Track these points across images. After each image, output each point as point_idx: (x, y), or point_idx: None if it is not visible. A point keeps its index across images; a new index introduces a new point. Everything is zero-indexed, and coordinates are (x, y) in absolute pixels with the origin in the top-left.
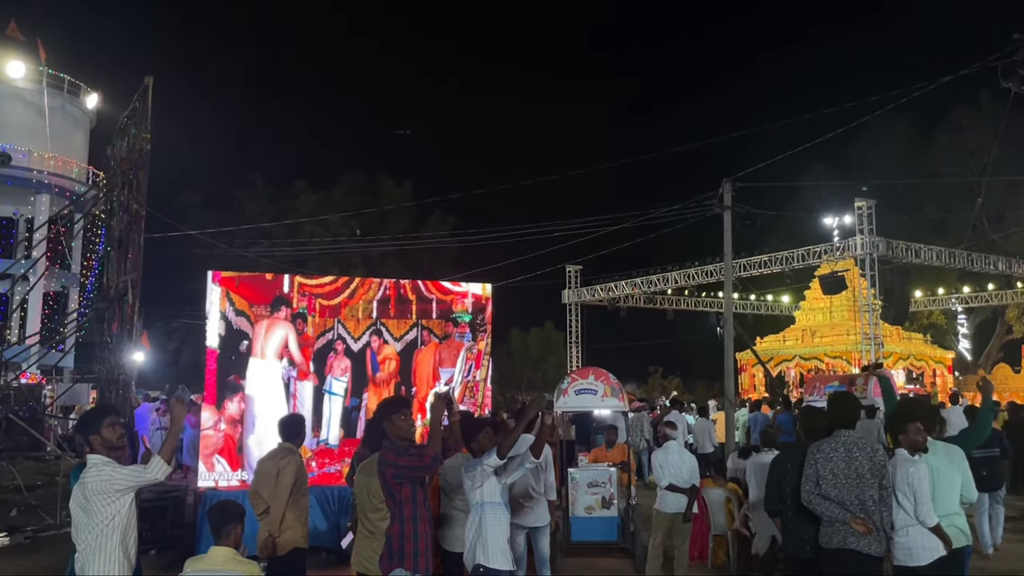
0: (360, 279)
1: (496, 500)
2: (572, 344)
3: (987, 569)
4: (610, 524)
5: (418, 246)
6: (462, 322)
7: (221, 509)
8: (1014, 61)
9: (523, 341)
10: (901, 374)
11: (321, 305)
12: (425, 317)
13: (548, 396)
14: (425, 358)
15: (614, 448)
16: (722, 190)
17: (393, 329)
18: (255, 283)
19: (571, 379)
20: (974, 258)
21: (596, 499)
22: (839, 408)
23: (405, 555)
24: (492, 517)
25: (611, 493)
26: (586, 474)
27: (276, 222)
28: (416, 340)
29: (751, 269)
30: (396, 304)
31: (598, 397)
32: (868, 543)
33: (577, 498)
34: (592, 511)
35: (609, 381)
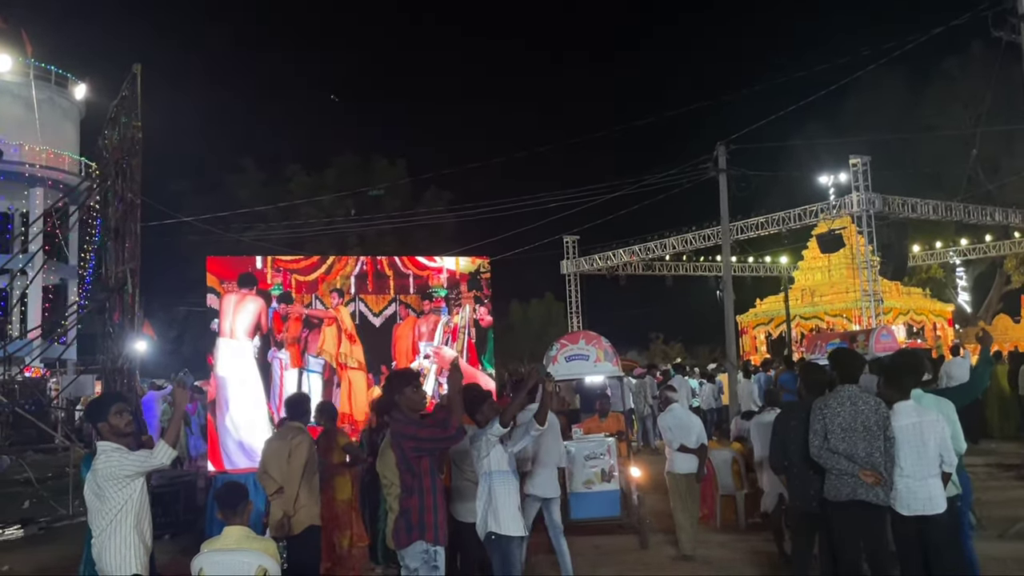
0: (336, 256)
1: (504, 469)
2: (573, 314)
3: (992, 516)
4: (612, 498)
5: (414, 223)
6: (438, 297)
7: (229, 490)
8: (1004, 9)
9: (523, 314)
10: (902, 329)
11: (297, 281)
12: (403, 292)
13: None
14: (404, 332)
15: (608, 417)
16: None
17: (372, 304)
18: (226, 261)
19: (561, 345)
20: (971, 210)
21: (595, 472)
22: (842, 364)
23: (426, 527)
24: (501, 486)
25: (611, 465)
26: (583, 446)
27: (270, 205)
28: (395, 315)
29: (748, 231)
30: (374, 280)
31: (590, 363)
32: (877, 494)
33: (575, 472)
34: (591, 485)
35: (601, 345)
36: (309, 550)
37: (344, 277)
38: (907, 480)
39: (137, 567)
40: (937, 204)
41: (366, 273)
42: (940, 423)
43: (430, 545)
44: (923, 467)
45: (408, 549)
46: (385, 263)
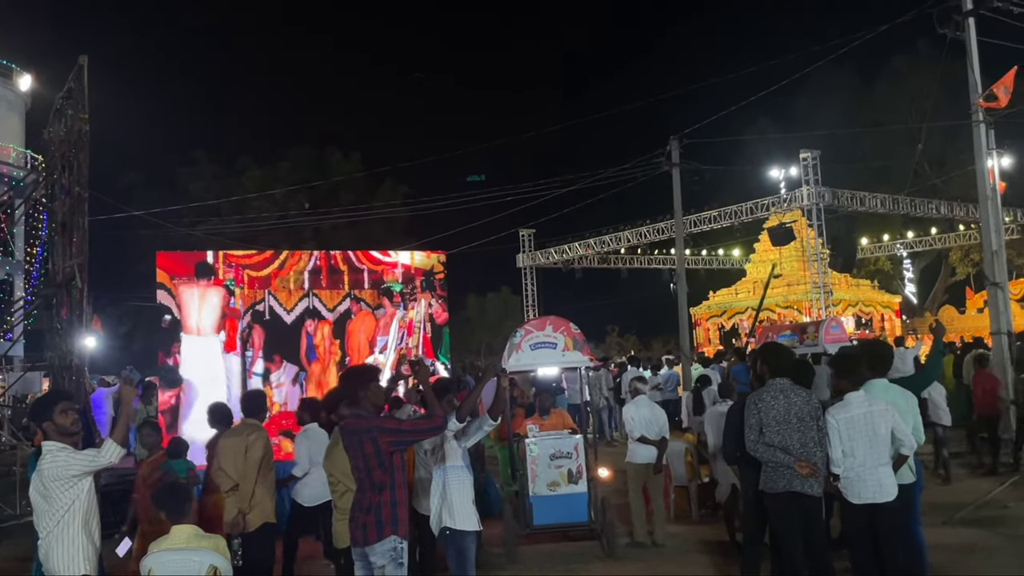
0: (289, 251)
1: (458, 463)
2: (529, 307)
3: (937, 502)
4: (579, 502)
5: (369, 217)
6: (395, 292)
7: (173, 489)
8: (949, 7)
9: (480, 307)
10: (850, 320)
11: (250, 276)
12: (357, 287)
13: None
14: (356, 328)
15: (550, 415)
16: (669, 148)
17: (326, 300)
18: (177, 256)
19: (525, 332)
20: (917, 203)
21: (561, 473)
22: (773, 358)
23: (399, 522)
24: (456, 480)
25: (579, 465)
26: (547, 443)
27: (223, 199)
28: (348, 311)
29: (701, 224)
30: (327, 275)
31: (558, 351)
32: (811, 485)
33: (538, 473)
34: (556, 487)
35: (570, 331)
36: (264, 547)
37: (297, 272)
38: (858, 469)
39: (86, 568)
40: (885, 198)
41: (320, 268)
42: (890, 411)
43: (400, 541)
44: (874, 456)
45: (377, 546)
46: (339, 258)
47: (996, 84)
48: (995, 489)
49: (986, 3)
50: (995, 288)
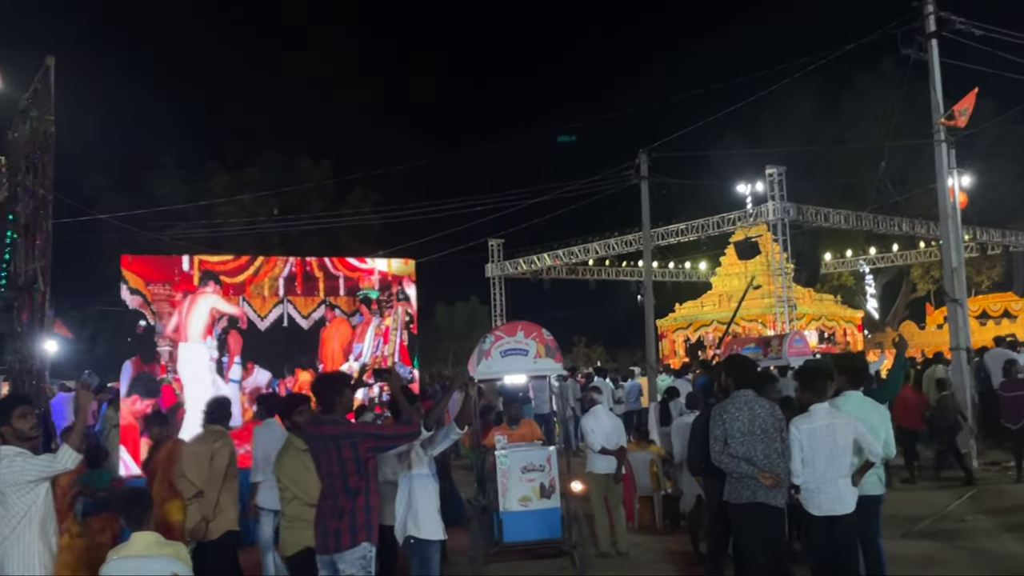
0: (264, 257)
1: (424, 472)
2: (497, 317)
3: (898, 514)
4: (551, 518)
5: (339, 224)
6: (372, 299)
7: (134, 496)
8: (912, 28)
9: (448, 316)
10: (814, 334)
11: (225, 283)
12: (332, 294)
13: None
14: (330, 335)
15: (520, 425)
16: (638, 161)
17: (300, 307)
18: (152, 262)
19: (495, 337)
20: (879, 220)
21: (533, 487)
22: (736, 370)
23: (372, 528)
24: (421, 488)
25: (552, 478)
26: (518, 455)
27: (190, 204)
28: (323, 318)
29: (669, 238)
30: (303, 281)
31: (529, 358)
32: (775, 496)
33: (508, 487)
34: (528, 502)
35: (542, 338)
36: (226, 555)
37: (272, 279)
38: (818, 481)
39: (42, 573)
40: (848, 214)
41: (295, 275)
42: (853, 423)
43: (371, 548)
44: (834, 468)
45: (347, 553)
46: (315, 264)
47: (958, 104)
48: (954, 502)
49: (949, 25)
50: (955, 305)
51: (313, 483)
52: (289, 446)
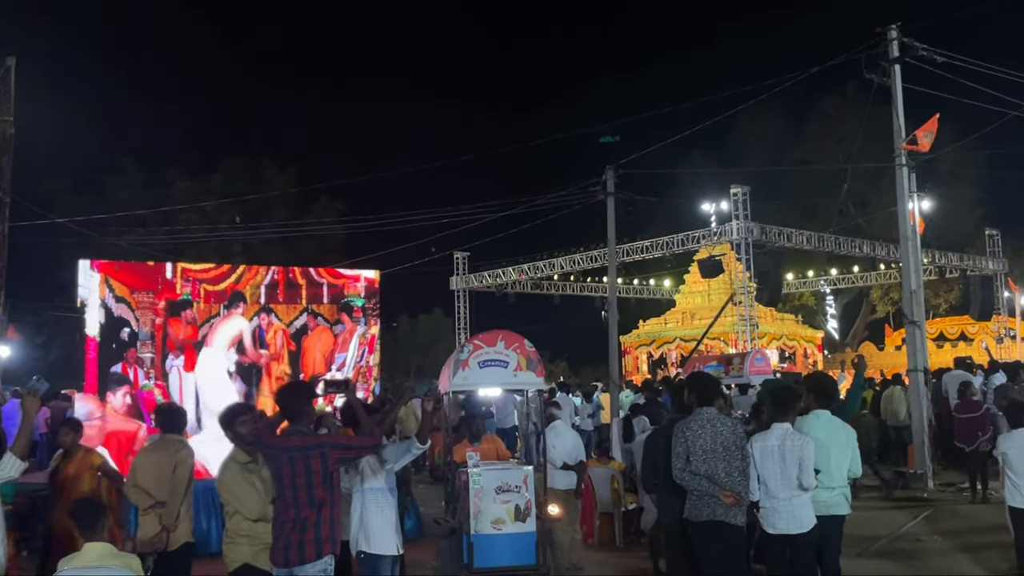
0: (246, 265)
1: (379, 486)
2: (461, 330)
3: (854, 534)
4: (526, 542)
5: (302, 233)
6: (356, 307)
7: (87, 505)
8: (876, 54)
9: (411, 327)
10: (774, 353)
11: (206, 291)
12: (316, 302)
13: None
14: (312, 344)
15: (482, 440)
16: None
17: (282, 315)
18: (136, 270)
19: (473, 347)
20: (841, 242)
21: (507, 509)
22: (699, 387)
23: (335, 540)
24: (374, 503)
25: (527, 500)
26: (492, 475)
27: (151, 209)
28: (304, 326)
29: (634, 254)
30: (285, 289)
31: (509, 371)
32: (735, 514)
33: (481, 508)
34: (501, 525)
35: (524, 349)
36: (183, 566)
37: (254, 287)
38: (772, 500)
39: None
40: (810, 235)
41: (277, 283)
42: (807, 446)
43: (331, 560)
44: (785, 487)
45: (310, 566)
46: (298, 272)
47: (919, 129)
48: (909, 522)
49: (911, 51)
50: (913, 326)
51: (254, 497)
52: (230, 460)
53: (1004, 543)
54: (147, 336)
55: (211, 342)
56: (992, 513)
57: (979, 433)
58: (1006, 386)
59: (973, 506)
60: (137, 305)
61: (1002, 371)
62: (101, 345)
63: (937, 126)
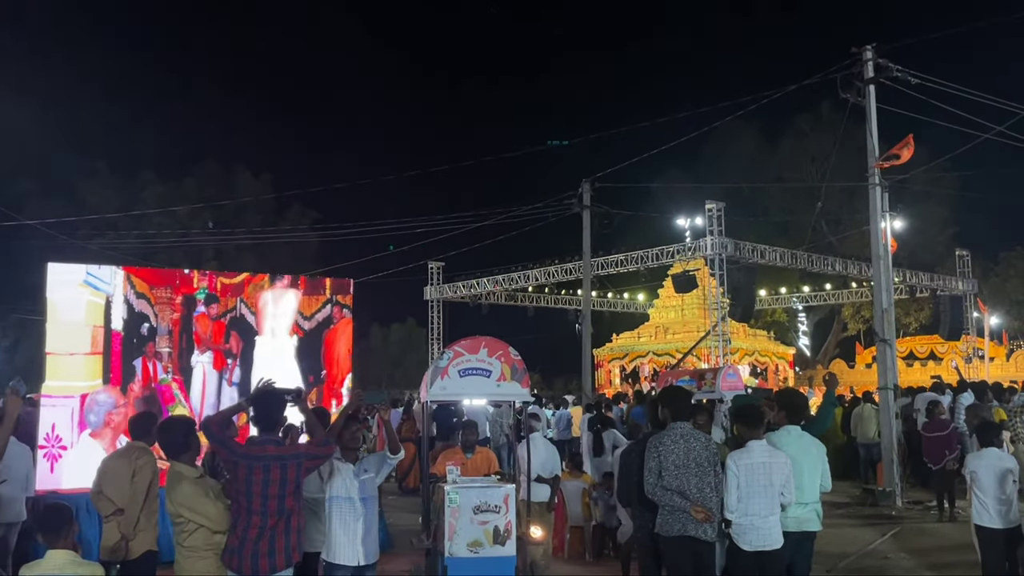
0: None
1: (349, 495)
2: (434, 340)
3: (822, 551)
4: (505, 568)
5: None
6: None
7: (53, 512)
8: (852, 73)
9: (384, 337)
10: (746, 369)
11: (223, 284)
12: (340, 292)
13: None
14: (336, 337)
15: (476, 453)
16: (581, 190)
17: (303, 307)
18: (158, 272)
19: (454, 354)
20: (814, 259)
21: (486, 531)
22: (673, 402)
23: (301, 548)
24: (338, 512)
25: (508, 521)
26: (470, 493)
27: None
28: (329, 318)
29: (608, 267)
30: (306, 280)
31: (492, 380)
32: (705, 530)
33: (457, 528)
34: (479, 548)
35: (508, 358)
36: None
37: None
38: (752, 517)
39: None
40: (784, 252)
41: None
42: (787, 463)
43: (295, 568)
44: (767, 505)
45: (282, 573)
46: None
47: (896, 147)
48: (877, 540)
49: (886, 72)
50: (884, 344)
51: (220, 509)
52: (179, 477)
53: (970, 561)
54: (165, 331)
55: (267, 328)
56: (959, 531)
57: (946, 452)
58: (977, 405)
59: (940, 524)
60: (156, 301)
61: (970, 390)
62: (124, 339)
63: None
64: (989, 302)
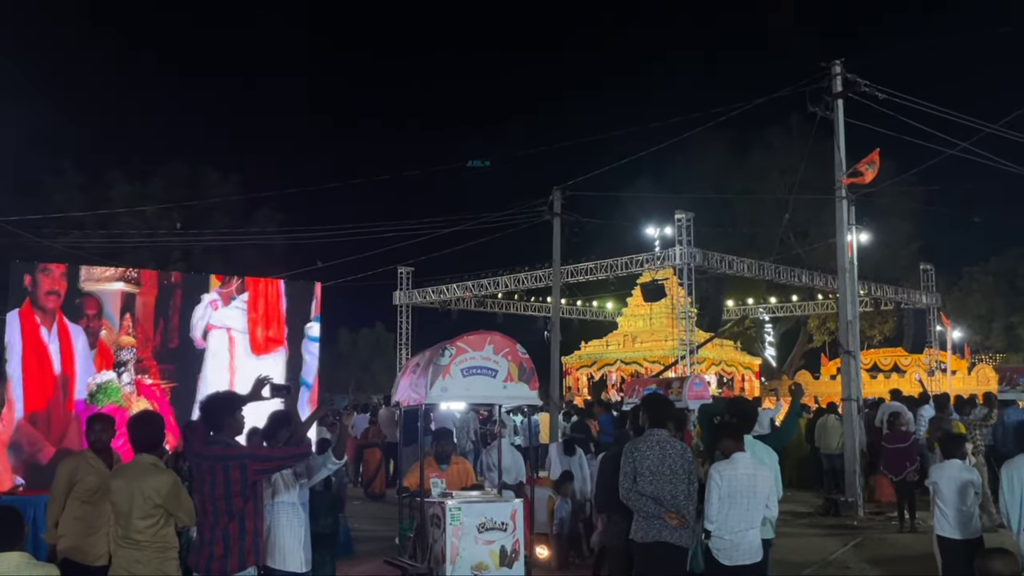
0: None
1: (292, 500)
2: (402, 346)
3: (784, 560)
4: None
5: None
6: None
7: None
8: (820, 88)
9: (352, 342)
10: (713, 379)
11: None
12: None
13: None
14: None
15: (451, 466)
16: (552, 198)
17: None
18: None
19: (457, 350)
20: (781, 271)
21: (492, 551)
22: (653, 408)
23: (259, 552)
24: (284, 517)
25: (515, 541)
26: (475, 509)
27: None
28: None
29: (578, 275)
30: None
31: (498, 381)
32: (680, 536)
33: (460, 549)
34: (484, 571)
35: (516, 356)
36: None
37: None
38: (732, 529)
39: None
40: (751, 263)
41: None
42: (770, 476)
43: (255, 571)
44: (749, 518)
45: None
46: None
47: (861, 162)
48: (839, 549)
49: (854, 87)
50: (848, 356)
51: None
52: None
53: (931, 572)
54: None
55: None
56: (920, 542)
57: (907, 463)
58: (940, 417)
59: (901, 535)
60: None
61: (932, 403)
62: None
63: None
64: (952, 316)
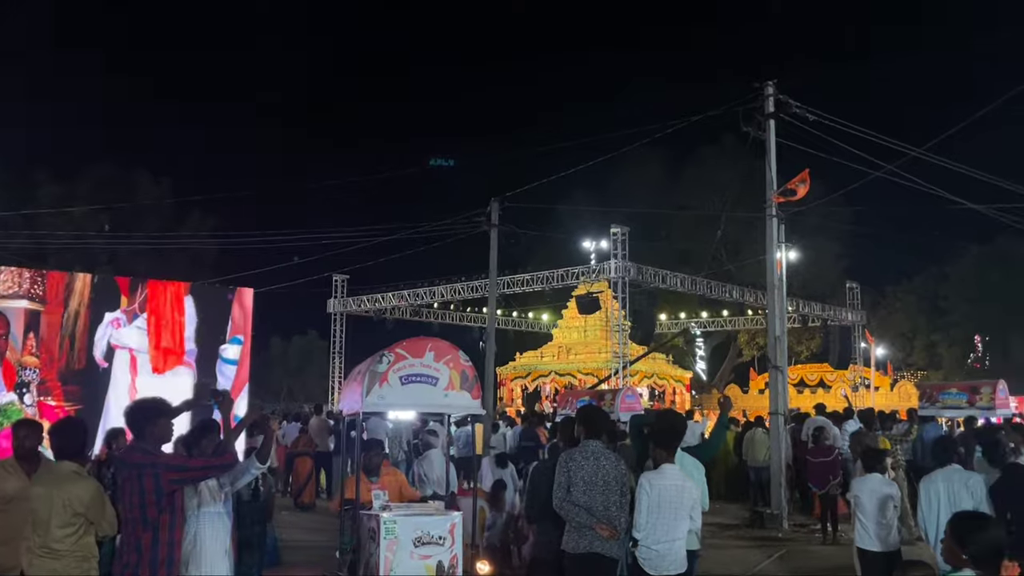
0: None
1: (217, 509)
2: (336, 354)
3: (710, 572)
4: None
5: (174, 246)
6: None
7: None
8: (753, 108)
9: (284, 349)
10: (645, 391)
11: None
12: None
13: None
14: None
15: (382, 476)
16: (490, 208)
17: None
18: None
19: (395, 357)
20: (712, 286)
21: (427, 566)
22: (589, 420)
23: (173, 563)
24: (209, 526)
25: (454, 555)
26: (411, 522)
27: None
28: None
29: (514, 287)
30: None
31: (438, 389)
32: (611, 547)
33: (394, 564)
34: None
35: (458, 364)
36: None
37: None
38: (659, 538)
39: None
40: (684, 278)
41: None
42: (696, 488)
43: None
44: (676, 529)
45: None
46: None
47: (792, 181)
48: (763, 561)
49: (786, 108)
50: (776, 371)
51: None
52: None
53: None
54: None
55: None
56: (842, 554)
57: (830, 477)
58: (862, 432)
59: (824, 547)
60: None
61: (856, 418)
62: None
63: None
64: (876, 333)
